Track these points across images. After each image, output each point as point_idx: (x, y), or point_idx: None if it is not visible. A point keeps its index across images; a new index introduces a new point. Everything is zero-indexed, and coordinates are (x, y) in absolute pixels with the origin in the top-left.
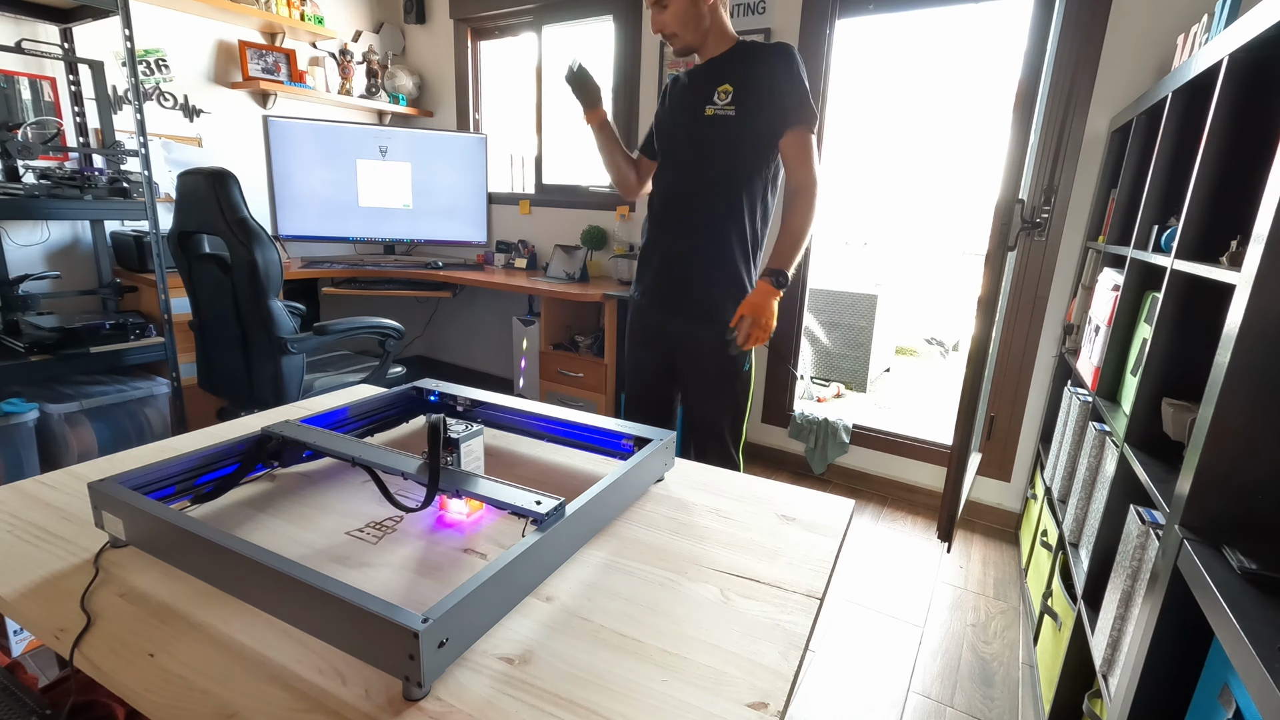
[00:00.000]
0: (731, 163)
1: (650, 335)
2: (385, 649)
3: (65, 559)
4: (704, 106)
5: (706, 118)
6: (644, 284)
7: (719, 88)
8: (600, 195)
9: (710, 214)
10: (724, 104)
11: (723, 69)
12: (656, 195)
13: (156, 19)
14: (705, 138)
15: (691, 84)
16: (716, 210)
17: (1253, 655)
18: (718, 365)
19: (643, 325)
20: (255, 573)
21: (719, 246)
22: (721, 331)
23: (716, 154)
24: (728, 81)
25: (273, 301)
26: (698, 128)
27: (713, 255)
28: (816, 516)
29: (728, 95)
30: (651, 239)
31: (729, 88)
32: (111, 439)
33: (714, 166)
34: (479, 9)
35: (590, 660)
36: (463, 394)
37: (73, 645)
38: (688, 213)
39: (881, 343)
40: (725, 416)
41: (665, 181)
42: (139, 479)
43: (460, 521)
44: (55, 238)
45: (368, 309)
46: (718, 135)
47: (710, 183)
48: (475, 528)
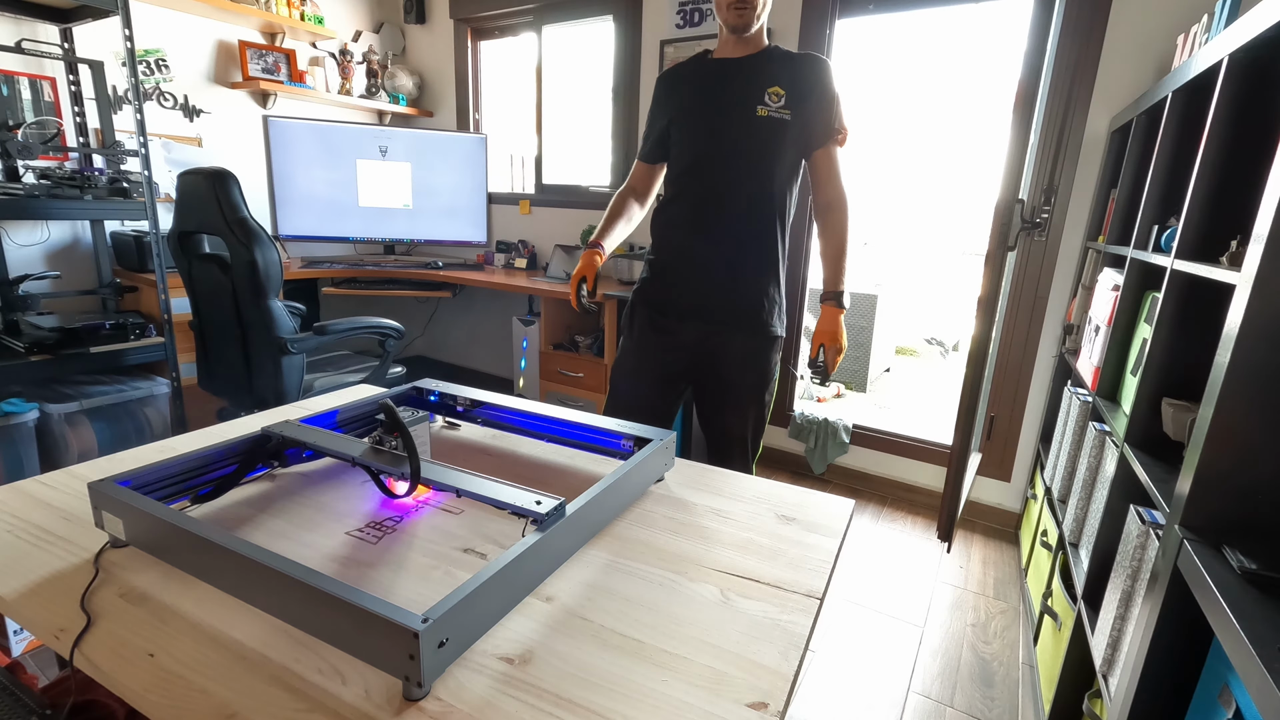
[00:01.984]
0: (776, 167)
1: (668, 345)
2: (385, 649)
3: (65, 559)
4: (755, 106)
5: (759, 119)
6: (666, 292)
7: (769, 89)
8: (600, 195)
9: (756, 220)
10: (778, 106)
11: (766, 70)
12: (683, 197)
13: (156, 19)
14: (755, 139)
15: (726, 80)
16: (762, 216)
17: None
18: (756, 376)
19: (659, 334)
20: (255, 573)
21: (762, 255)
22: (763, 343)
23: (765, 157)
24: (778, 84)
25: (273, 301)
26: (748, 128)
27: (756, 264)
28: (816, 516)
29: (780, 98)
30: (680, 244)
31: (780, 90)
32: (111, 439)
33: (761, 170)
34: (479, 9)
35: (590, 660)
36: (462, 394)
37: (73, 645)
38: (733, 218)
39: (881, 343)
40: (751, 426)
41: (700, 184)
42: (139, 479)
43: (407, 504)
44: (55, 238)
45: (368, 309)
46: (768, 138)
47: (756, 187)
48: (419, 511)
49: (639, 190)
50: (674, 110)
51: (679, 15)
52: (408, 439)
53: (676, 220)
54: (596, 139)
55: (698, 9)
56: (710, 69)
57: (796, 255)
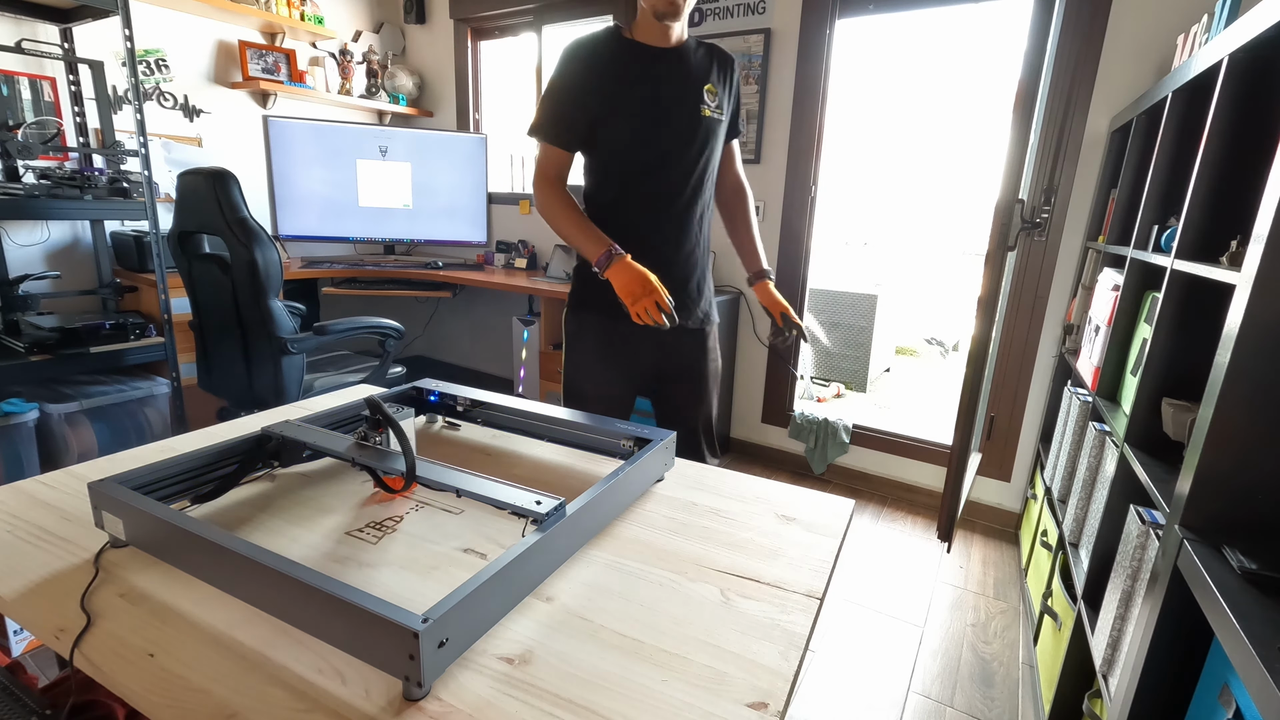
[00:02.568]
0: (713, 166)
1: (632, 345)
2: (385, 649)
3: (65, 559)
4: (698, 105)
5: (705, 119)
6: None
7: (705, 87)
8: None
9: (703, 220)
10: (714, 106)
11: (698, 64)
12: (632, 200)
13: (156, 19)
14: (702, 140)
15: (664, 74)
16: (706, 216)
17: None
18: (715, 366)
19: (622, 337)
20: (255, 573)
21: (706, 253)
22: (715, 333)
23: (707, 157)
24: (710, 82)
25: (273, 301)
26: (696, 128)
27: (704, 262)
28: (816, 516)
29: (715, 97)
30: (638, 242)
31: (714, 89)
32: (111, 439)
33: (707, 169)
34: (479, 9)
35: (590, 660)
36: (462, 394)
37: (73, 645)
38: (688, 215)
39: (881, 343)
40: (712, 411)
41: (651, 186)
42: (139, 479)
43: (394, 496)
44: (55, 238)
45: (368, 309)
46: (709, 139)
47: (703, 185)
48: (450, 515)
49: (564, 177)
50: (606, 100)
51: None
52: (399, 432)
53: (626, 224)
54: None
55: (698, 9)
56: (639, 57)
57: (796, 255)
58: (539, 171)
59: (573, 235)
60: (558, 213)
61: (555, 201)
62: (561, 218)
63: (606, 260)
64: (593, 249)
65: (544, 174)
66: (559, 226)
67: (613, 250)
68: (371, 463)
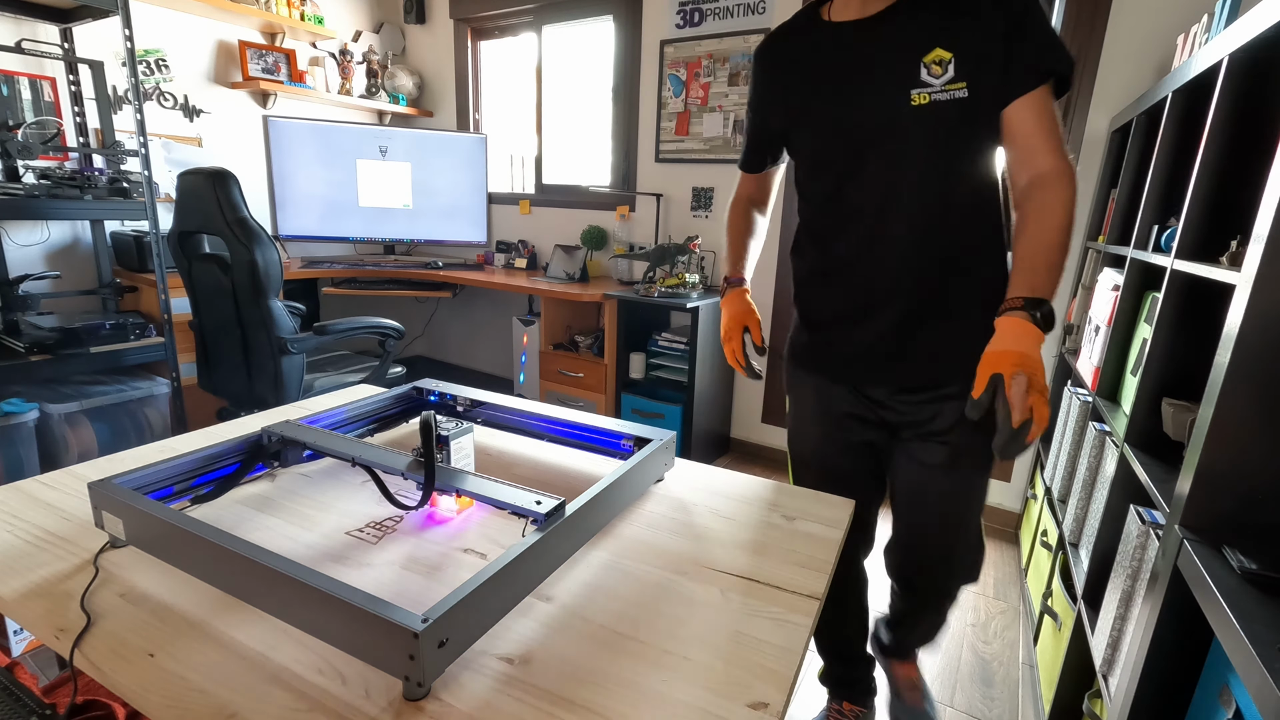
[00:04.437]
0: (970, 163)
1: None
2: (385, 649)
3: (65, 559)
4: (909, 89)
5: (917, 109)
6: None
7: (928, 56)
8: (600, 195)
9: (936, 235)
10: (945, 81)
11: (917, 25)
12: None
13: (156, 19)
14: (923, 138)
15: (858, 57)
16: (940, 230)
17: (1253, 655)
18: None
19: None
20: (255, 573)
21: (967, 284)
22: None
23: (944, 157)
24: (939, 44)
25: (273, 301)
26: (897, 121)
27: (946, 296)
28: (817, 516)
29: (947, 65)
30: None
31: (946, 53)
32: (111, 439)
33: (944, 176)
34: (479, 9)
35: (590, 660)
36: (462, 394)
37: (72, 645)
38: (896, 236)
39: None
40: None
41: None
42: (139, 479)
43: (449, 518)
44: (55, 238)
45: (368, 309)
46: (945, 130)
47: (923, 196)
48: (465, 524)
49: (755, 198)
50: (784, 106)
51: (679, 15)
52: (429, 450)
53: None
54: (596, 139)
55: (698, 9)
56: (830, 40)
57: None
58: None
59: (725, 259)
60: (725, 233)
61: (728, 221)
62: (725, 239)
63: (722, 291)
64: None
65: (736, 191)
66: (724, 248)
67: (729, 280)
68: (376, 464)
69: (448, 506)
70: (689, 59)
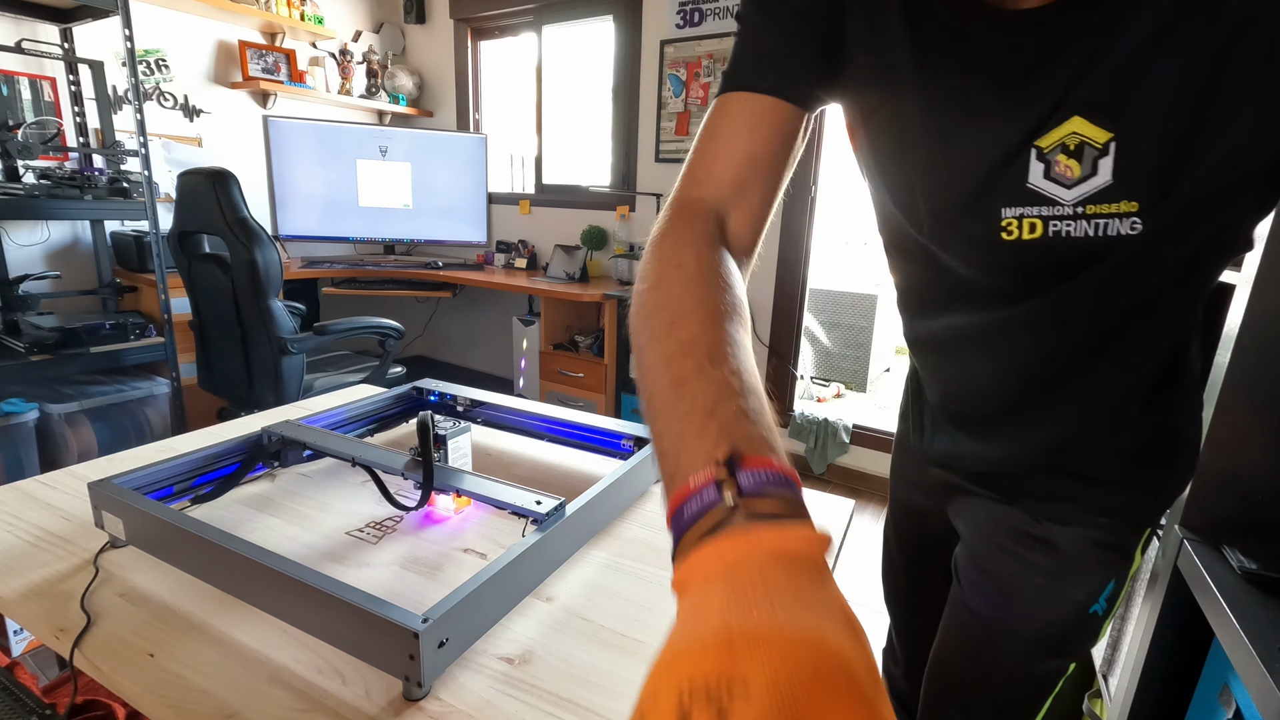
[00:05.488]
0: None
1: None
2: (385, 649)
3: (65, 559)
4: (1011, 203)
5: (1026, 246)
6: (940, 438)
7: (1061, 132)
8: (600, 195)
9: (1086, 351)
10: (1087, 191)
11: (1079, 47)
12: (931, 306)
13: (157, 19)
14: (1044, 277)
15: (964, 98)
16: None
17: (1252, 655)
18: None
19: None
20: (255, 573)
21: (1107, 387)
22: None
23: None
24: (1086, 112)
25: (272, 301)
26: (1011, 256)
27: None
28: (816, 516)
29: (1100, 163)
30: (923, 378)
31: (1101, 134)
32: (111, 439)
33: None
34: (479, 9)
35: (591, 660)
36: (462, 394)
37: (72, 645)
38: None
39: (881, 343)
40: None
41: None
42: (139, 479)
43: (447, 517)
44: (55, 238)
45: (367, 309)
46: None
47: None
48: (465, 524)
49: (734, 228)
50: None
51: (679, 15)
52: (426, 450)
53: (909, 334)
54: (596, 139)
55: (698, 9)
56: (944, 35)
57: (796, 255)
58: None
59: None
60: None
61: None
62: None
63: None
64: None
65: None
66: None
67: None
68: (376, 464)
69: (445, 506)
70: (689, 59)
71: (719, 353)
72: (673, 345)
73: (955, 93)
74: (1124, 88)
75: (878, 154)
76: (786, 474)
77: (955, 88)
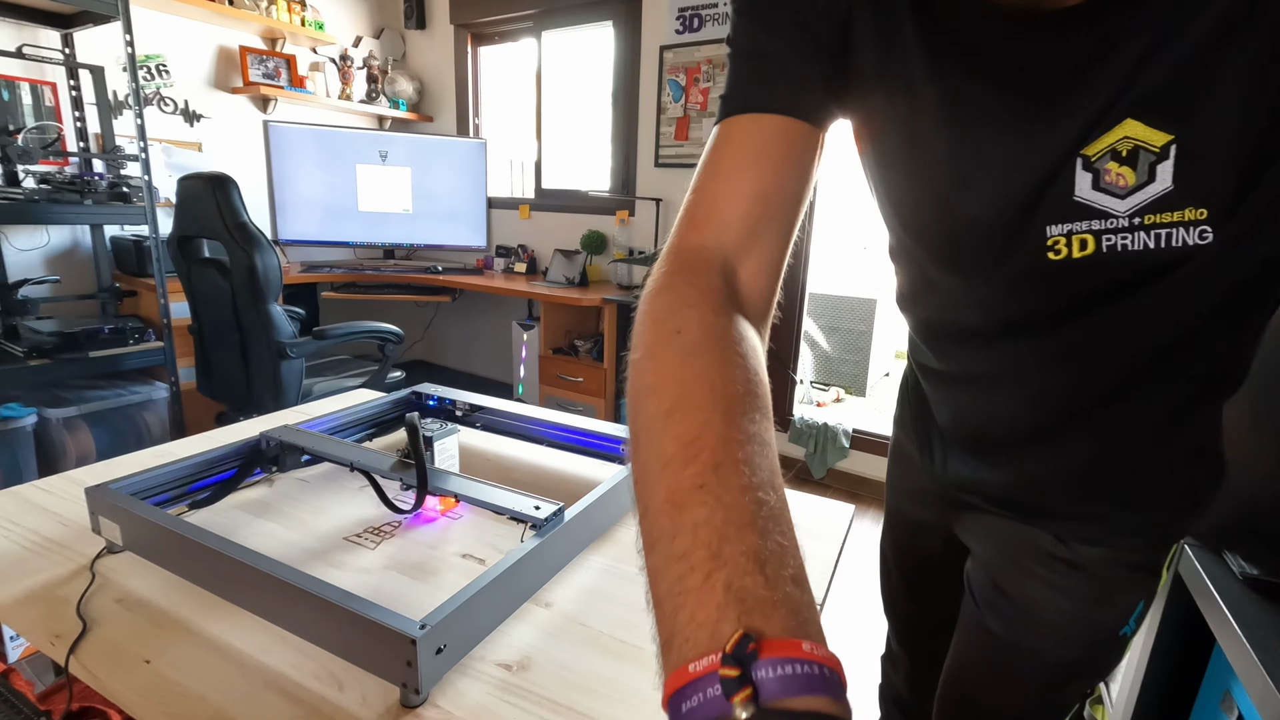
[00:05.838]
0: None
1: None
2: (383, 655)
3: (62, 564)
4: (1056, 219)
5: (1074, 266)
6: (955, 462)
7: (1112, 137)
8: (599, 200)
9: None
10: (1144, 200)
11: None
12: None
13: (158, 25)
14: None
15: (991, 109)
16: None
17: (1255, 661)
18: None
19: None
20: (253, 578)
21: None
22: None
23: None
24: (1140, 114)
25: (272, 306)
26: (1058, 279)
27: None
28: (816, 522)
29: (1159, 168)
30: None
31: (1158, 137)
32: (110, 443)
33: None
34: (479, 14)
35: (590, 667)
36: (461, 398)
37: (68, 652)
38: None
39: (881, 347)
40: None
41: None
42: (136, 484)
43: (435, 517)
44: (55, 242)
45: (367, 313)
46: (1138, 301)
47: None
48: (450, 521)
49: (747, 280)
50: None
51: (679, 21)
52: (418, 452)
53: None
54: (596, 144)
55: (697, 14)
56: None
57: (795, 259)
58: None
59: None
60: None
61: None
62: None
63: None
64: None
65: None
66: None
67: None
68: (374, 469)
69: (431, 505)
70: (688, 64)
71: (728, 459)
72: (670, 444)
73: (980, 105)
74: (1187, 84)
75: (888, 181)
76: (823, 661)
77: (979, 99)
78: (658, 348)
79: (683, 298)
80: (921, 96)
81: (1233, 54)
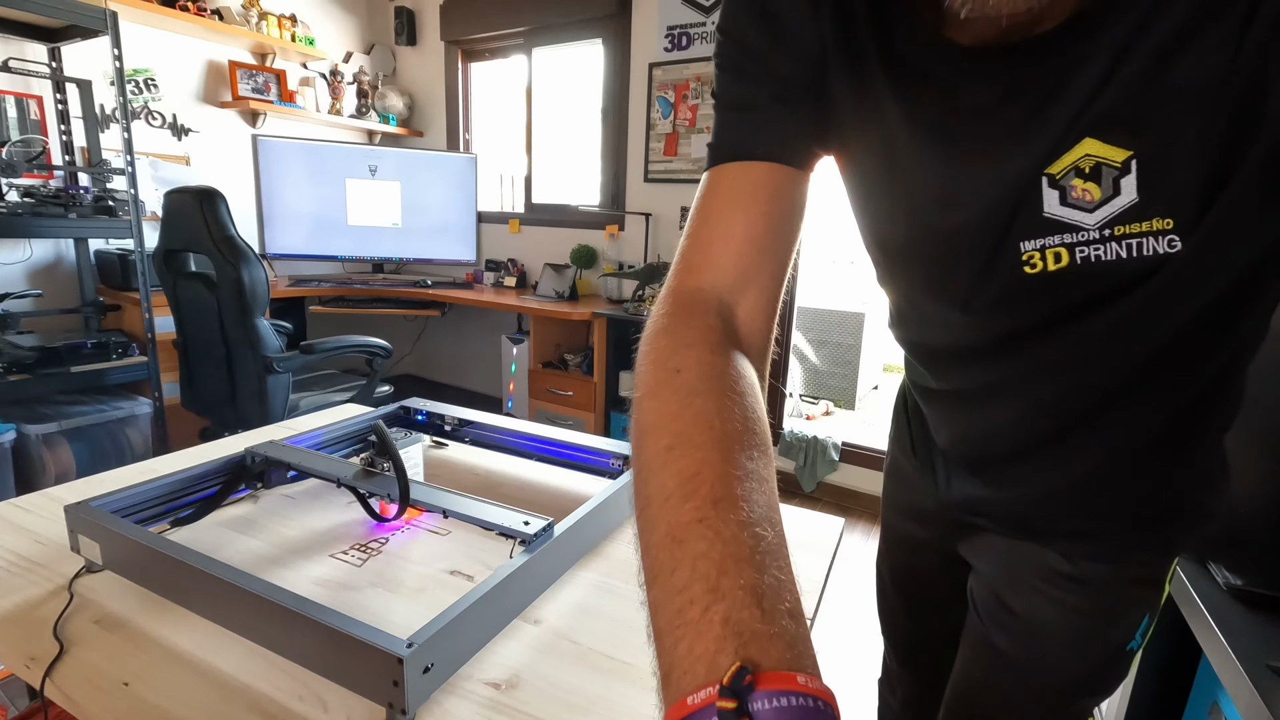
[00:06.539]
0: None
1: (954, 568)
2: (368, 675)
3: (38, 584)
4: (1029, 235)
5: (1053, 278)
6: (958, 482)
7: (1073, 156)
8: (589, 214)
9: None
10: (1112, 212)
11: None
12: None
13: (146, 39)
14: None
15: (959, 137)
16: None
17: (1240, 672)
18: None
19: (940, 564)
20: (235, 597)
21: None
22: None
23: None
24: (1097, 133)
25: (259, 320)
26: (1039, 291)
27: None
28: (806, 535)
29: (1122, 182)
30: (930, 426)
31: (1118, 153)
32: (91, 460)
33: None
34: (470, 32)
35: (580, 684)
36: (450, 413)
37: (44, 675)
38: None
39: (869, 360)
40: None
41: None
42: (117, 501)
43: (399, 525)
44: (38, 256)
45: (355, 328)
46: (1120, 310)
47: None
48: (414, 530)
49: (744, 318)
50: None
51: (667, 39)
52: (397, 461)
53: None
54: (586, 159)
55: (685, 33)
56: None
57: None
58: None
59: None
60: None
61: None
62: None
63: None
64: None
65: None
66: None
67: None
68: (361, 485)
69: (391, 512)
70: (677, 81)
71: (727, 495)
72: (670, 481)
73: (951, 134)
74: (1144, 101)
75: (869, 214)
76: (817, 694)
77: (951, 128)
78: (658, 387)
79: (681, 338)
80: (894, 129)
81: (1187, 68)
